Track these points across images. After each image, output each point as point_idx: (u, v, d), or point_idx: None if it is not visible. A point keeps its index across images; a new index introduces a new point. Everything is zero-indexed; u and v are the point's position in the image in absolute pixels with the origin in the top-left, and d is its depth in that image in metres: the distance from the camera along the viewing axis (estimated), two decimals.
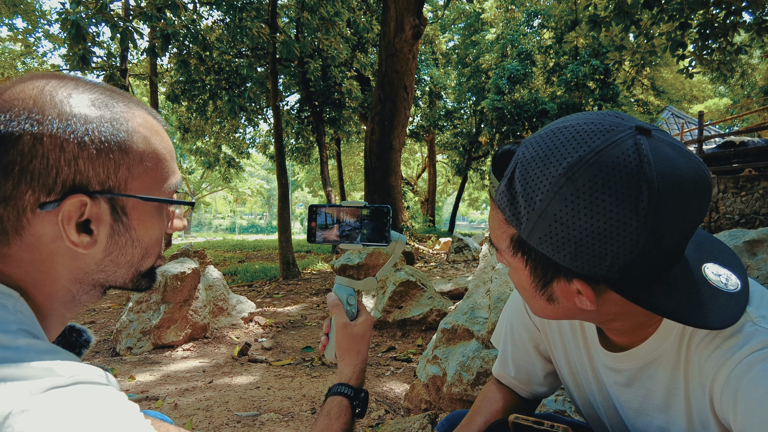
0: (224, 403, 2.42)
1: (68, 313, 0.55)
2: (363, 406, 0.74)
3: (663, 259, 0.51)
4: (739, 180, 7.36)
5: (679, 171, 0.48)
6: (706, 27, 5.93)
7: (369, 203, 0.79)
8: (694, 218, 0.50)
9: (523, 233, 0.54)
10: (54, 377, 0.39)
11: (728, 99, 23.94)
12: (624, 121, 0.51)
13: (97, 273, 0.53)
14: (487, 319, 1.99)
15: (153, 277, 0.60)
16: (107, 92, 0.53)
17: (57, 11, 5.73)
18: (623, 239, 0.48)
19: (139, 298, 3.49)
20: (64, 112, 0.47)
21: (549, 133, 0.54)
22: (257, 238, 27.82)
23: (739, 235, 1.82)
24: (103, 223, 0.51)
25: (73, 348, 0.63)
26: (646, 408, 0.67)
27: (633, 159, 0.47)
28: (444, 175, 29.10)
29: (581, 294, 0.56)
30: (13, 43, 15.08)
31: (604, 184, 0.47)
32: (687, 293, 0.54)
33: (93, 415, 0.38)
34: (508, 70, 15.74)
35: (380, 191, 9.53)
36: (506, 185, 0.56)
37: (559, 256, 0.52)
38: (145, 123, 0.54)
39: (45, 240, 0.48)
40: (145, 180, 0.53)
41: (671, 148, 0.49)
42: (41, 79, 0.50)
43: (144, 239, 0.55)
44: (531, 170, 0.52)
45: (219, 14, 11.28)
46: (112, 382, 0.45)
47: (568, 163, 0.49)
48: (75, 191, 0.48)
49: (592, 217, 0.48)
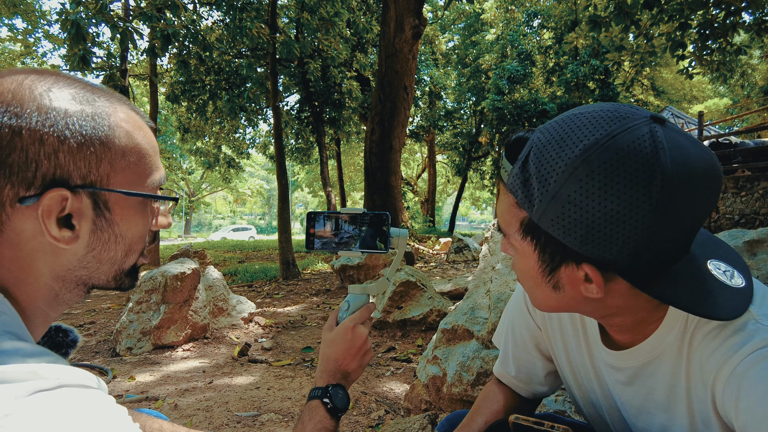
0: (224, 404, 2.42)
1: (52, 313, 0.54)
2: (335, 399, 0.73)
3: (671, 248, 0.52)
4: (739, 180, 7.37)
5: (692, 160, 0.49)
6: (706, 27, 5.94)
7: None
8: (703, 208, 0.51)
9: (535, 215, 0.55)
10: (39, 380, 0.38)
11: (728, 99, 23.96)
12: (638, 111, 0.53)
13: (79, 270, 0.52)
14: (487, 319, 1.99)
15: (136, 276, 0.60)
16: (88, 87, 0.52)
17: (57, 11, 5.73)
18: (634, 223, 0.49)
19: (139, 298, 3.49)
20: (44, 105, 0.47)
21: (565, 119, 0.55)
22: (257, 238, 27.82)
23: (739, 235, 1.82)
24: (85, 218, 0.50)
25: (60, 348, 0.63)
26: (648, 406, 0.67)
27: (648, 144, 0.48)
28: (444, 176, 29.12)
29: (588, 281, 0.56)
30: (12, 44, 15.09)
31: (619, 167, 0.48)
32: (694, 283, 0.55)
33: (77, 419, 0.38)
34: (508, 71, 15.75)
35: (380, 191, 9.52)
36: (520, 168, 0.57)
37: (569, 239, 0.53)
38: (127, 118, 0.53)
39: (26, 236, 0.47)
40: (128, 175, 0.52)
41: (684, 138, 0.51)
42: (20, 73, 0.49)
43: (127, 235, 0.54)
44: (546, 152, 0.53)
45: (219, 14, 11.30)
46: (101, 386, 0.44)
47: (584, 145, 0.50)
48: (55, 185, 0.47)
49: (606, 199, 0.49)
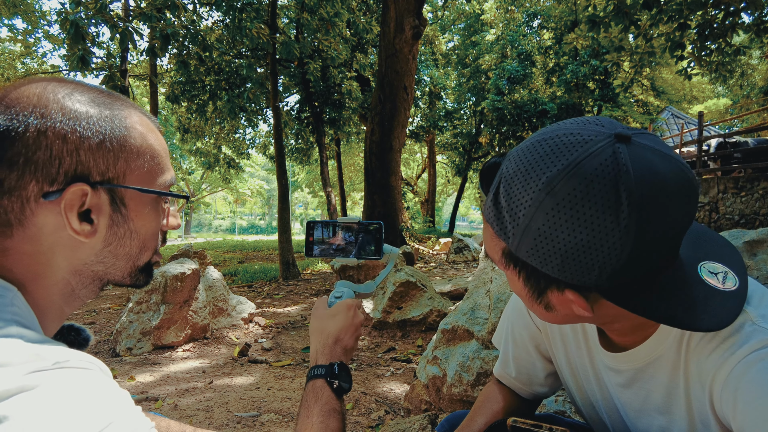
0: (224, 404, 2.42)
1: (67, 308, 0.56)
2: (342, 378, 0.71)
3: (652, 265, 0.51)
4: (739, 180, 7.37)
5: (660, 176, 0.47)
6: (705, 28, 5.94)
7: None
8: (680, 222, 0.50)
9: (512, 247, 0.55)
10: (38, 362, 0.40)
11: (728, 99, 23.96)
12: (604, 128, 0.51)
13: (96, 264, 0.55)
14: (487, 319, 1.99)
15: (150, 273, 0.62)
16: (105, 93, 0.56)
17: (56, 11, 5.73)
18: (608, 249, 0.48)
19: (138, 298, 3.49)
20: (66, 107, 0.50)
21: (530, 146, 0.54)
22: (257, 238, 27.81)
23: (739, 236, 1.82)
24: (103, 213, 0.53)
25: (72, 347, 0.63)
26: (647, 409, 0.67)
27: (611, 169, 0.47)
28: (444, 176, 29.11)
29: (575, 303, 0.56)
30: (12, 44, 15.07)
31: (584, 196, 0.47)
32: (680, 295, 0.54)
33: (73, 397, 0.39)
34: (507, 71, 15.74)
35: (380, 192, 9.52)
36: (492, 200, 0.57)
37: (547, 268, 0.53)
38: (141, 121, 0.57)
39: (47, 230, 0.50)
40: (142, 174, 0.56)
41: (652, 153, 0.49)
42: (43, 81, 0.53)
43: (141, 232, 0.57)
44: (513, 185, 0.53)
45: (219, 15, 11.29)
46: (103, 369, 0.45)
47: (547, 177, 0.49)
48: (76, 180, 0.50)
49: (575, 230, 0.48)
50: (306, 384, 0.71)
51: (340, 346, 0.76)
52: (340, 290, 0.85)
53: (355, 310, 0.80)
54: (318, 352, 0.75)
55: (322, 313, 0.80)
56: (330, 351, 0.75)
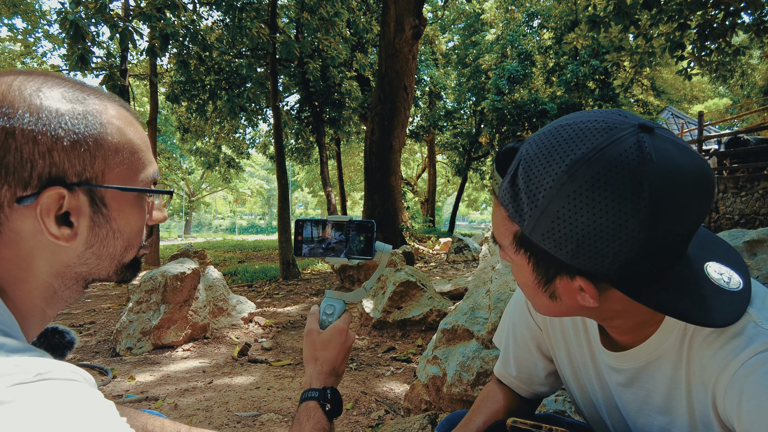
0: (224, 404, 2.42)
1: (50, 311, 0.54)
2: (334, 403, 0.75)
3: (664, 257, 0.51)
4: (739, 180, 7.37)
5: (681, 169, 0.48)
6: (705, 28, 5.94)
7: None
8: (695, 216, 0.50)
9: (526, 230, 0.55)
10: (20, 374, 0.38)
11: (728, 99, 23.96)
12: (627, 119, 0.51)
13: (79, 266, 0.53)
14: (487, 319, 1.99)
15: (137, 267, 0.60)
16: (77, 86, 0.52)
17: (56, 11, 5.73)
18: (624, 237, 0.48)
19: (139, 298, 3.49)
20: (35, 105, 0.47)
21: (552, 130, 0.54)
22: (257, 238, 27.82)
23: (739, 235, 1.82)
24: (83, 215, 0.50)
25: (56, 350, 0.62)
26: (647, 408, 0.67)
27: (635, 157, 0.47)
28: (444, 176, 29.10)
29: (584, 291, 0.56)
30: (12, 44, 15.08)
31: (606, 182, 0.48)
32: (689, 290, 0.54)
33: (55, 411, 0.37)
34: (507, 71, 15.74)
35: (380, 191, 9.52)
36: (509, 182, 0.56)
37: (561, 253, 0.52)
38: (118, 115, 0.54)
39: (25, 235, 0.48)
40: (122, 171, 0.53)
41: (674, 146, 0.49)
42: (8, 75, 0.49)
43: (125, 230, 0.55)
44: (534, 167, 0.52)
45: (219, 14, 11.29)
46: (87, 379, 0.44)
47: (571, 160, 0.49)
48: (52, 184, 0.47)
49: (594, 215, 0.48)
50: (299, 405, 0.75)
51: (335, 373, 0.80)
52: (331, 305, 0.83)
53: (347, 333, 0.81)
54: (312, 377, 0.78)
55: (316, 340, 0.81)
56: (324, 378, 0.78)
